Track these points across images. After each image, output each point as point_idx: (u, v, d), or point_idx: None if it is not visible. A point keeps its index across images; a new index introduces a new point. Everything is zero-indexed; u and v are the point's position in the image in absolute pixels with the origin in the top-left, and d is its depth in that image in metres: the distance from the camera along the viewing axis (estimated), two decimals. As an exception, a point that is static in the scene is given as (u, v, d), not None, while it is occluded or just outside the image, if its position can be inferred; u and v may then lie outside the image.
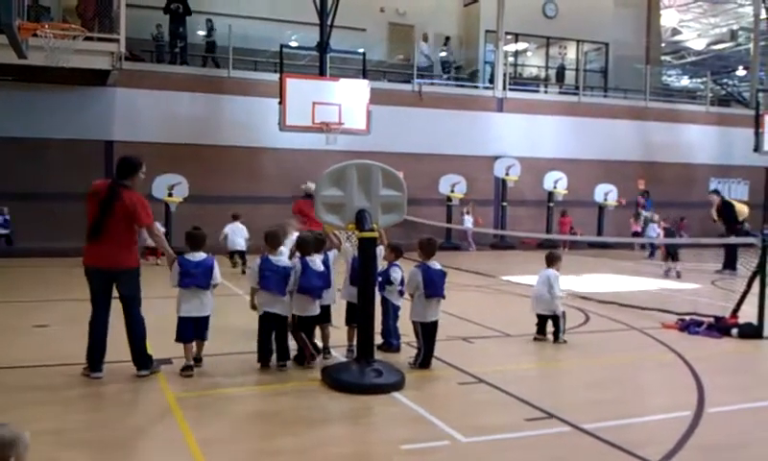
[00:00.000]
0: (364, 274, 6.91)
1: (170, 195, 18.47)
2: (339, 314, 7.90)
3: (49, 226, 17.80)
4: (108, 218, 6.59)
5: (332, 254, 7.91)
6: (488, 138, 22.84)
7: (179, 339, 7.01)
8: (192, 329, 7.02)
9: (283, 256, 7.46)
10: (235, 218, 15.64)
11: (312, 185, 15.35)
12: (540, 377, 7.55)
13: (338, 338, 7.94)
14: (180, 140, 19.92)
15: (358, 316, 7.02)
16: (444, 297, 7.55)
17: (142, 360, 6.94)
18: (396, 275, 7.88)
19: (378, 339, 7.90)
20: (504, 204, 22.57)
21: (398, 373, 6.90)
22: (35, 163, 18.63)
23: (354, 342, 7.73)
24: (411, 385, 6.77)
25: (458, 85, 23.74)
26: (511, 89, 23.82)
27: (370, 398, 6.43)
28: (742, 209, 17.39)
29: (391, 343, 8.10)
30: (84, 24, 17.67)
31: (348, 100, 17.96)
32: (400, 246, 8.20)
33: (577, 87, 25.68)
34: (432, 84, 23.09)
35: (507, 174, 22.10)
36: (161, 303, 7.67)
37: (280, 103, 17.41)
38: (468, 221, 21.24)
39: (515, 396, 6.48)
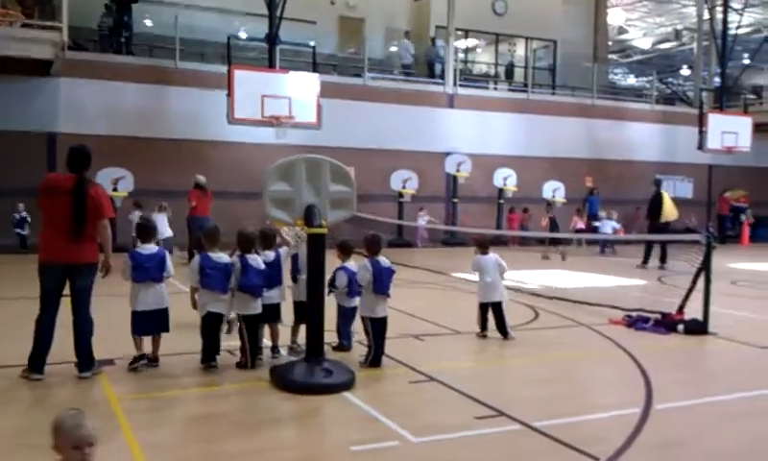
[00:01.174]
0: (313, 271, 6.77)
1: (114, 189, 18.01)
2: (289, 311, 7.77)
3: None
4: (81, 213, 6.45)
5: (284, 250, 7.76)
6: (439, 134, 22.87)
7: (135, 332, 6.91)
8: (148, 323, 6.95)
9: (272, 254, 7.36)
10: (160, 209, 16.19)
11: (201, 178, 15.46)
12: (489, 374, 7.52)
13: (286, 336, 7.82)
14: (126, 133, 19.45)
15: (307, 314, 6.89)
16: (389, 295, 7.47)
17: (86, 361, 6.71)
18: (341, 280, 7.73)
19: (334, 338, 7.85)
20: (455, 200, 22.63)
21: (349, 372, 6.79)
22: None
23: (298, 339, 7.68)
24: (361, 384, 6.67)
25: (409, 81, 23.66)
26: (461, 86, 23.89)
27: (319, 398, 6.31)
28: (670, 211, 17.50)
29: (342, 343, 7.99)
30: (24, 11, 17.23)
31: (298, 93, 17.75)
32: (349, 242, 8.08)
33: (526, 85, 25.89)
34: (383, 78, 22.99)
35: (458, 170, 22.16)
36: (101, 301, 7.39)
37: (228, 95, 17.09)
38: (423, 220, 21.26)
39: (465, 393, 6.43)
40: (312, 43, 18.70)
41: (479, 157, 22.69)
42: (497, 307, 8.85)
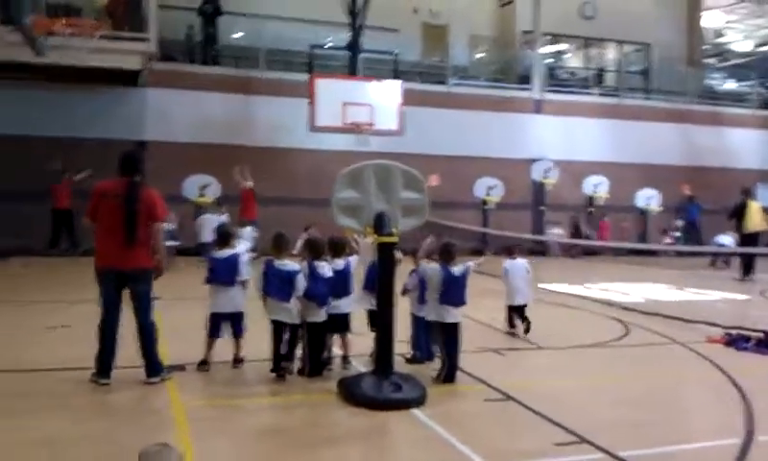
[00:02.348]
0: (383, 279, 6.46)
1: (201, 196, 18.29)
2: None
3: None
4: (133, 218, 6.38)
5: (354, 259, 7.47)
6: (525, 141, 22.25)
7: (208, 334, 7.04)
8: (220, 326, 7.06)
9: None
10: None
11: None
12: (572, 395, 6.97)
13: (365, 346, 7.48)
14: (212, 140, 19.72)
15: (376, 325, 6.58)
16: (464, 303, 7.08)
17: (152, 366, 6.63)
18: (412, 281, 7.42)
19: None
20: (542, 208, 21.93)
21: (419, 387, 6.43)
22: (67, 163, 18.51)
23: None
24: (433, 401, 6.29)
25: (494, 87, 23.13)
26: (548, 91, 23.17)
27: (387, 414, 5.97)
28: (758, 221, 16.32)
29: (416, 355, 7.63)
30: (115, 24, 17.74)
31: (379, 101, 17.56)
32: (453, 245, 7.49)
33: (617, 89, 24.91)
34: (467, 85, 22.55)
35: (545, 177, 21.46)
36: (176, 304, 7.30)
37: (310, 103, 17.06)
38: (555, 231, 20.51)
39: (544, 416, 5.96)
40: (395, 51, 18.47)
41: (567, 164, 21.93)
42: (522, 310, 9.29)
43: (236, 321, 7.14)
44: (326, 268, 6.93)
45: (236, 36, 21.50)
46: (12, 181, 17.64)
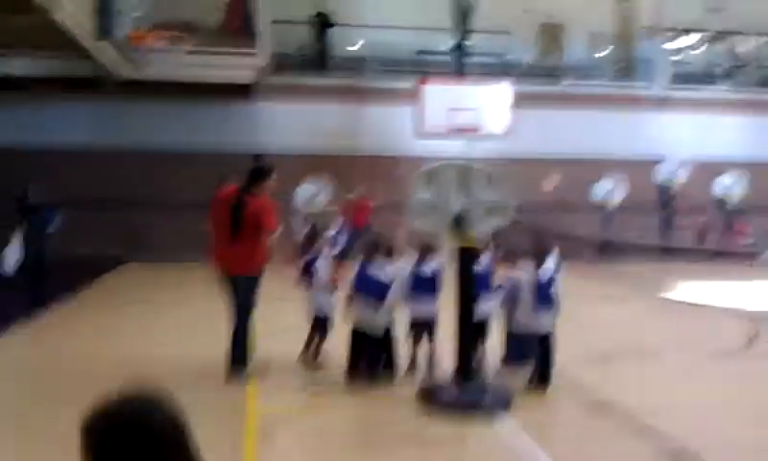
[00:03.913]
0: (462, 285, 6.06)
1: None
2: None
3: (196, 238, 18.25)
4: (237, 225, 6.57)
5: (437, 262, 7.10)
6: (647, 140, 20.95)
7: None
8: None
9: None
10: None
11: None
12: (684, 408, 6.22)
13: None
14: (324, 151, 19.82)
15: (460, 332, 6.17)
16: (551, 307, 6.54)
17: (235, 357, 6.76)
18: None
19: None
20: (667, 211, 20.56)
21: (506, 392, 5.98)
22: (182, 176, 19.18)
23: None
24: (522, 407, 5.84)
25: (613, 85, 21.96)
26: (673, 88, 21.75)
27: (470, 421, 5.57)
28: None
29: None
30: (231, 40, 18.25)
31: (486, 104, 16.96)
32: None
33: (754, 84, 23.04)
34: (585, 84, 21.54)
35: (670, 178, 20.08)
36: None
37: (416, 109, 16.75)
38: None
39: (650, 428, 5.34)
40: (507, 54, 17.91)
41: (695, 164, 20.37)
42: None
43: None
44: (386, 269, 6.62)
45: (350, 47, 21.55)
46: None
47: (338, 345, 6.92)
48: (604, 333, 9.22)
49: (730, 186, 20.02)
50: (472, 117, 16.72)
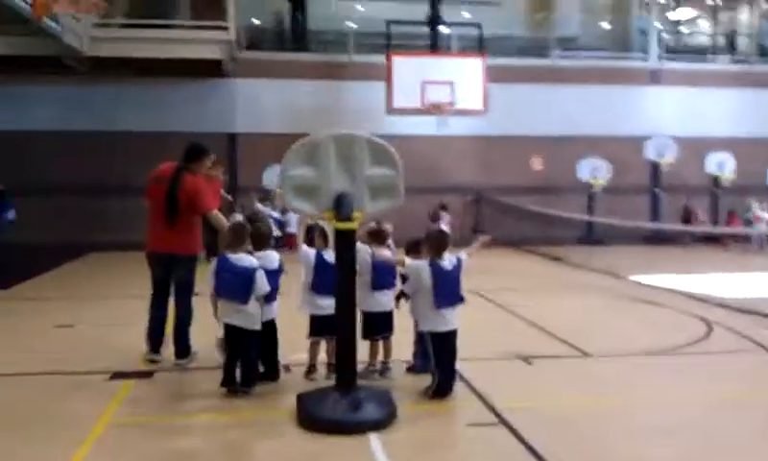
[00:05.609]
0: (341, 274, 5.37)
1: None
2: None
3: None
4: (175, 201, 6.44)
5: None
6: (638, 116, 20.02)
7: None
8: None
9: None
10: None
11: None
12: (594, 419, 5.52)
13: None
14: (302, 130, 19.04)
15: (336, 330, 5.49)
16: (462, 301, 5.85)
17: (180, 348, 6.63)
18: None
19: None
20: (657, 190, 19.70)
21: (386, 406, 5.30)
22: (158, 157, 18.56)
23: (377, 358, 6.34)
24: (405, 423, 5.17)
25: (603, 58, 20.99)
26: (668, 59, 20.78)
27: (338, 440, 4.91)
28: None
29: (417, 364, 6.43)
30: (196, 14, 17.61)
31: (463, 78, 16.20)
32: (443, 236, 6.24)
33: (751, 55, 21.99)
34: (572, 57, 20.61)
35: (660, 156, 19.19)
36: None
37: (387, 84, 16.05)
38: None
39: (533, 449, 4.67)
40: (494, 27, 17.05)
41: (688, 141, 19.42)
42: None
43: None
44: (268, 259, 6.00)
45: (320, 19, 20.74)
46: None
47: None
48: (535, 326, 8.56)
49: (722, 164, 19.08)
50: (447, 92, 16.16)
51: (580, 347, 7.55)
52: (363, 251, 5.99)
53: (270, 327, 6.12)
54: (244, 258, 5.80)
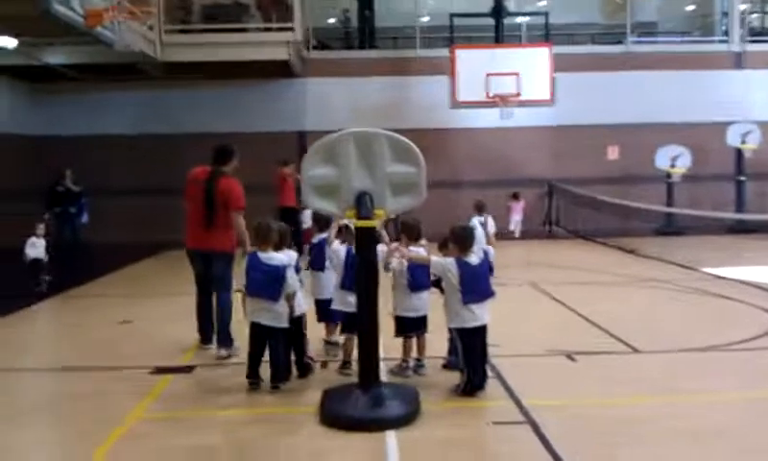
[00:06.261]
0: (363, 273, 5.36)
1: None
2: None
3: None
4: (213, 201, 6.82)
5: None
6: (720, 101, 19.06)
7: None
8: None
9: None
10: None
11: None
12: (618, 419, 5.20)
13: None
14: (368, 126, 19.11)
15: (358, 328, 5.48)
16: (492, 295, 5.73)
17: (222, 339, 6.93)
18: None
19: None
20: (742, 178, 18.74)
21: (410, 403, 5.26)
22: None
23: (411, 355, 6.30)
24: (427, 420, 5.13)
25: (683, 42, 20.13)
26: (752, 41, 19.73)
27: (355, 437, 4.91)
28: None
29: (451, 361, 6.35)
30: (264, 16, 17.91)
31: (528, 68, 15.89)
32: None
33: None
34: (648, 42, 19.87)
35: (743, 142, 18.24)
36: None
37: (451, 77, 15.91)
38: None
39: (555, 453, 4.53)
40: (545, 11, 16.71)
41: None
42: None
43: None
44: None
45: (388, 15, 20.73)
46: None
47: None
48: (586, 319, 8.32)
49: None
50: (512, 83, 15.87)
51: (630, 343, 7.27)
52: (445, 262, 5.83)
53: (297, 323, 6.15)
54: (274, 257, 5.87)
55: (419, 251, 6.11)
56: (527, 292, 10.58)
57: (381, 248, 5.90)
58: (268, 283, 5.76)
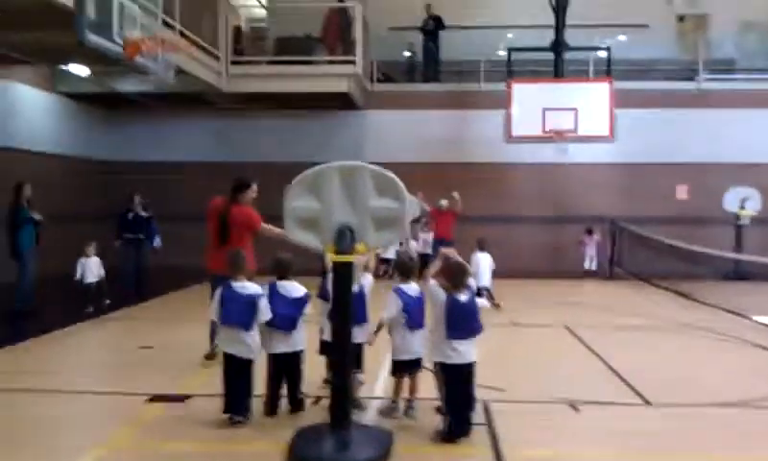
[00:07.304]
0: (337, 308, 5.28)
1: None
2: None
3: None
4: (227, 228, 7.61)
5: (368, 282, 6.35)
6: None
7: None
8: None
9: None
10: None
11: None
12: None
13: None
14: (427, 159, 19.11)
15: (331, 365, 5.39)
16: (479, 331, 5.57)
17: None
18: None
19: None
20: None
21: (379, 446, 5.11)
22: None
23: (401, 395, 6.15)
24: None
25: (755, 79, 19.23)
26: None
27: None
28: None
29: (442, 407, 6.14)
30: (329, 50, 18.19)
31: (587, 104, 15.53)
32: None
33: None
34: (720, 79, 19.10)
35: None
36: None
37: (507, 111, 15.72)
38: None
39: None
40: (605, 46, 16.32)
41: None
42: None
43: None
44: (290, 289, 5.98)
45: (453, 50, 20.68)
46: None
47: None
48: (607, 365, 7.93)
49: None
50: (569, 119, 15.51)
51: (644, 394, 6.88)
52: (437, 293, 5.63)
53: (294, 358, 6.10)
54: (248, 286, 5.90)
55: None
56: (554, 334, 10.25)
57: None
58: (241, 312, 5.78)
